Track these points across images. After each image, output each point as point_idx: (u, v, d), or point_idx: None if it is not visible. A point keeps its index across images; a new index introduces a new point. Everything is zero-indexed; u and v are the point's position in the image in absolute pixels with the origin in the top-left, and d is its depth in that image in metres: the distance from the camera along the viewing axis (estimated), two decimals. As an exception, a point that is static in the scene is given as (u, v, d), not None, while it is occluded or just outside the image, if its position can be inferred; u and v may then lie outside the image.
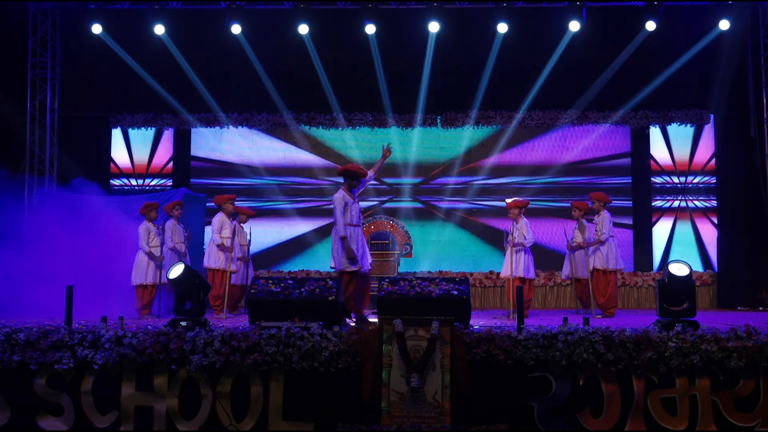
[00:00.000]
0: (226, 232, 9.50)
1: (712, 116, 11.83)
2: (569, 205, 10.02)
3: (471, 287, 8.54)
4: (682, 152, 11.97)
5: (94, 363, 5.64)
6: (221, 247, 9.43)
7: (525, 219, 9.25)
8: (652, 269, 11.66)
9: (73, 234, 9.98)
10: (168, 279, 6.36)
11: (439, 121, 12.01)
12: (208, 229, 10.56)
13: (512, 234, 9.09)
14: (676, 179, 11.93)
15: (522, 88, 11.70)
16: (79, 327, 5.94)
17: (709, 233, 11.77)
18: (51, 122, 11.90)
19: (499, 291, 11.48)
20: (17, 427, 5.69)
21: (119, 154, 12.27)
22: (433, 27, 11.27)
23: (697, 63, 11.33)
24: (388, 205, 12.14)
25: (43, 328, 5.83)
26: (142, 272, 9.17)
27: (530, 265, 9.14)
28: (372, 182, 12.08)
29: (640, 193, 11.91)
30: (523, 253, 9.07)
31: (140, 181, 12.21)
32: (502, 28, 11.24)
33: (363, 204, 12.06)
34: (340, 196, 7.72)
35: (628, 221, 11.86)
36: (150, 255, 9.16)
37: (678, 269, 6.08)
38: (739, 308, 10.76)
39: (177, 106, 11.89)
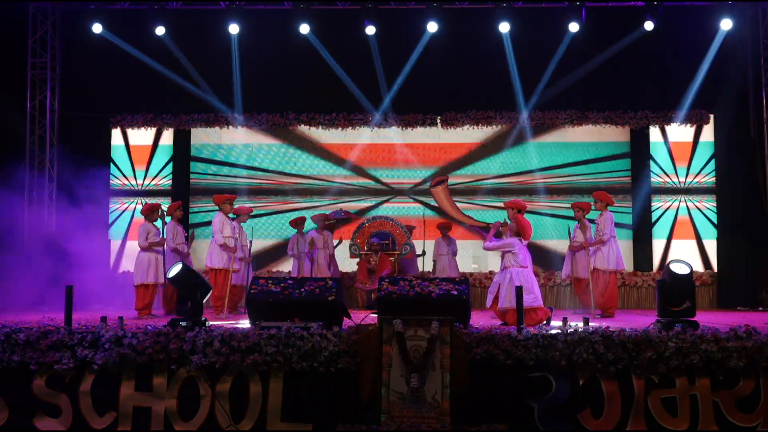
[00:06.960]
0: (227, 232, 9.48)
1: (712, 116, 11.83)
2: (569, 204, 10.00)
3: (471, 287, 8.52)
4: (682, 152, 11.97)
5: (94, 363, 5.63)
6: (224, 247, 9.41)
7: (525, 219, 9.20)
8: (652, 269, 11.65)
9: (72, 234, 10.00)
10: (166, 278, 6.36)
11: (439, 121, 12.00)
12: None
13: (508, 234, 9.04)
14: (675, 179, 11.92)
15: (522, 88, 11.69)
16: (79, 327, 5.93)
17: (709, 233, 11.76)
18: (51, 122, 11.89)
19: (499, 291, 11.45)
20: (14, 429, 5.67)
21: (119, 154, 12.25)
22: (433, 27, 11.27)
23: (696, 63, 11.33)
24: (388, 204, 12.13)
25: (43, 328, 5.82)
26: (143, 272, 9.15)
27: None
28: (372, 182, 12.17)
29: (639, 193, 11.89)
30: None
31: (140, 182, 12.19)
32: (502, 28, 11.24)
33: (363, 204, 12.11)
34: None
35: (628, 221, 11.85)
36: (148, 249, 9.16)
37: (678, 268, 6.09)
38: (738, 308, 10.74)
39: (177, 106, 11.88)
